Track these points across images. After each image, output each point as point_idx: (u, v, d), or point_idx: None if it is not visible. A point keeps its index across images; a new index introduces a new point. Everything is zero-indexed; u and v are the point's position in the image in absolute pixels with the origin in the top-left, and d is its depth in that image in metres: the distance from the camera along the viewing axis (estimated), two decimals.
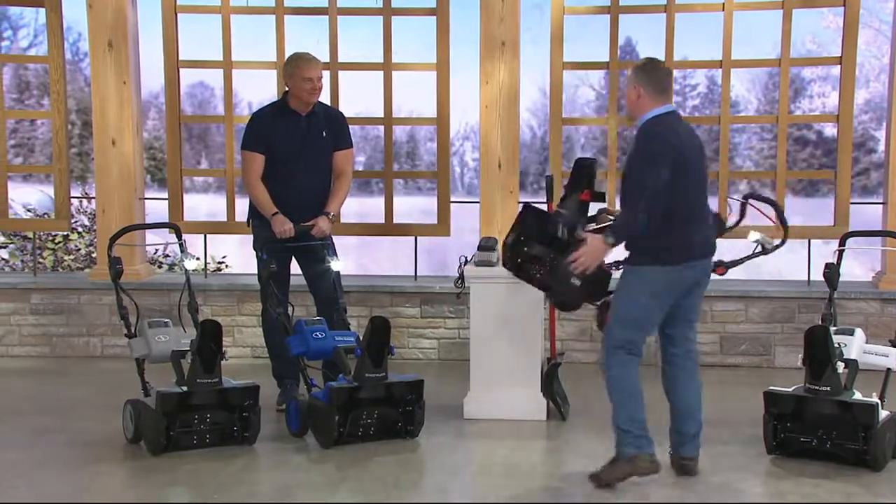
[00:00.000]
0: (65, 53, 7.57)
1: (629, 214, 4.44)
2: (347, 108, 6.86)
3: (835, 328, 4.95)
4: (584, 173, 5.02)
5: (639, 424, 4.49)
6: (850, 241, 5.38)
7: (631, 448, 4.48)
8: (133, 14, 7.48)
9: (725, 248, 4.84)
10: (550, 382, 5.68)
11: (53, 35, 7.50)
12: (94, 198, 8.00)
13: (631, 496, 4.45)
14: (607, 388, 4.57)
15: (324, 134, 5.83)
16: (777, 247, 4.94)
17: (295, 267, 5.94)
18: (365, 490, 4.53)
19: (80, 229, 11.43)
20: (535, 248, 4.96)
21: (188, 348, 5.08)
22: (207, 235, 7.80)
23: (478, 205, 7.33)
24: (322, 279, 5.81)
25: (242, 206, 6.67)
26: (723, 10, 7.16)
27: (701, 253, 4.61)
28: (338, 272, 5.80)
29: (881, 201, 7.22)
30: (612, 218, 4.98)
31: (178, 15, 7.49)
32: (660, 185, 4.38)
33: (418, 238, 7.56)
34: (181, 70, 7.56)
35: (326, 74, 6.26)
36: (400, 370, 5.71)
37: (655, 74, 4.59)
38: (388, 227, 7.59)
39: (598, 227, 4.96)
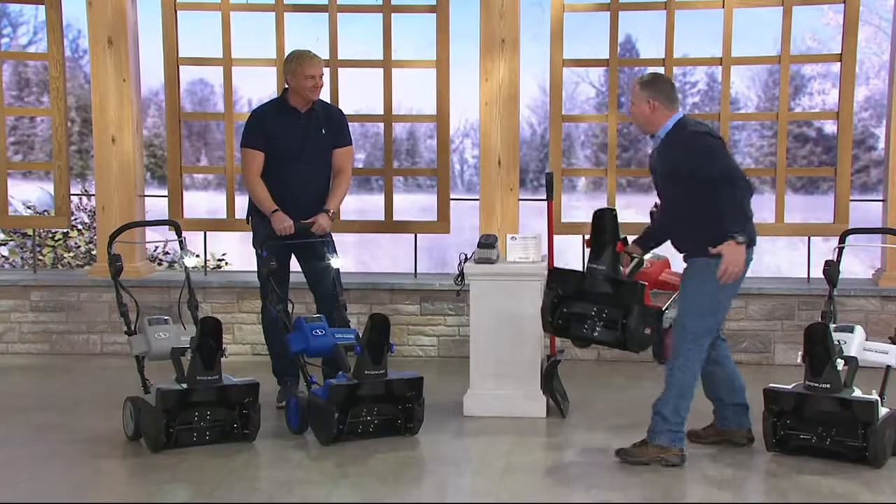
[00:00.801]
0: (64, 50, 7.55)
1: (734, 205, 4.55)
2: (347, 106, 6.87)
3: (835, 325, 4.95)
4: (608, 225, 4.91)
5: (679, 420, 4.72)
6: (850, 239, 5.37)
7: (664, 438, 4.70)
8: (133, 11, 7.48)
9: None
10: (550, 380, 5.68)
11: (53, 32, 7.49)
12: (93, 195, 8.01)
13: (632, 494, 4.45)
14: (666, 375, 4.77)
15: (323, 131, 5.83)
16: None
17: (294, 264, 5.94)
18: (364, 487, 4.53)
19: (79, 226, 11.43)
20: (574, 306, 4.86)
21: (188, 345, 5.08)
22: (207, 233, 7.79)
23: (478, 202, 7.32)
24: (322, 276, 5.81)
25: (242, 204, 6.67)
26: (723, 6, 7.14)
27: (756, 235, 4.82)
28: (337, 269, 5.80)
29: (881, 198, 7.20)
30: (634, 256, 4.97)
31: (178, 12, 7.48)
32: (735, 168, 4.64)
33: (418, 235, 7.56)
34: (181, 67, 7.55)
35: (326, 72, 6.25)
36: (400, 367, 5.71)
37: (664, 86, 4.81)
38: (388, 225, 7.58)
39: (628, 270, 4.95)
